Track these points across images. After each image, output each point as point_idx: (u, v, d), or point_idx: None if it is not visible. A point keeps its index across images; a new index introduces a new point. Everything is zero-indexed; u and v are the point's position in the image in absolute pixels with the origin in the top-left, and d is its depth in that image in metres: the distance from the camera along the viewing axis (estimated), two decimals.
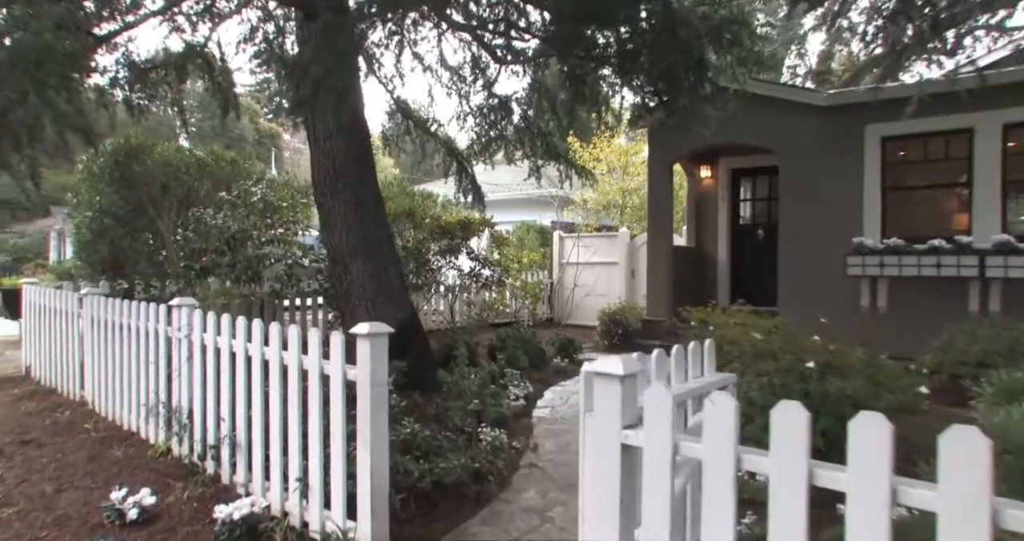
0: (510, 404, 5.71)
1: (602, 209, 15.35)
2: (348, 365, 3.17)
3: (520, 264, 12.00)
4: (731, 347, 5.37)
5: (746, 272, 10.97)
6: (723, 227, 11.19)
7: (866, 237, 8.42)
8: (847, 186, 8.72)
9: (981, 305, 7.80)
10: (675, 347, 2.94)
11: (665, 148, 10.35)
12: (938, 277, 7.84)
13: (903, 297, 8.27)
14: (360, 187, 6.63)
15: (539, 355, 8.44)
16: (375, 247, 6.62)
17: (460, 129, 10.81)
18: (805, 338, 5.25)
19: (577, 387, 7.51)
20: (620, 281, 12.95)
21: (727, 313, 6.77)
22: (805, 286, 9.00)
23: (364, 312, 6.52)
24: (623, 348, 10.15)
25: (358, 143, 6.76)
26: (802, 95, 9.08)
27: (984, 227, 7.87)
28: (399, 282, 6.81)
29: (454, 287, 11.22)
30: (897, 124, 8.37)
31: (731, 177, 11.17)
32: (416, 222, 10.01)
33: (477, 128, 10.35)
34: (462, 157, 10.43)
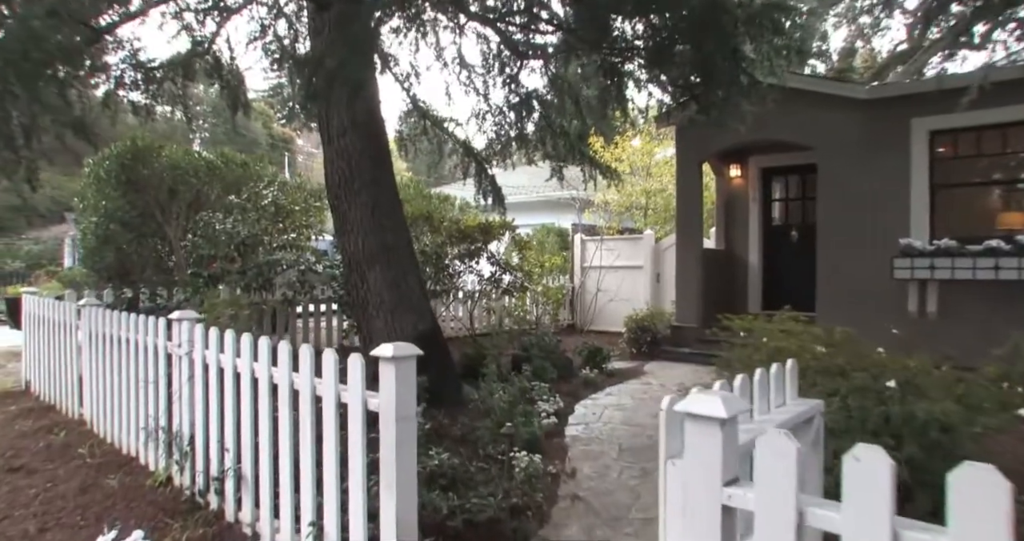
0: (541, 422, 5.24)
1: (624, 211, 14.86)
2: (370, 393, 2.72)
3: (542, 269, 11.54)
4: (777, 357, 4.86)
5: (779, 276, 10.45)
6: (754, 229, 10.67)
7: (913, 238, 7.88)
8: (892, 184, 8.19)
9: None
10: (758, 371, 2.47)
11: (694, 146, 9.85)
12: (996, 280, 7.29)
13: (955, 302, 7.73)
14: (377, 189, 6.20)
15: (566, 365, 7.97)
16: (394, 253, 6.19)
17: (478, 129, 10.41)
18: (871, 350, 4.75)
19: (609, 400, 7.16)
20: (645, 285, 12.46)
21: (773, 321, 6.26)
22: (846, 290, 8.47)
23: (382, 323, 6.09)
24: (651, 356, 9.67)
25: (374, 141, 6.34)
26: (842, 88, 8.56)
27: None
28: (419, 291, 6.37)
29: (473, 293, 10.78)
30: (947, 117, 7.88)
31: (762, 176, 10.65)
32: (434, 226, 9.58)
33: (496, 127, 9.96)
34: (481, 158, 10.01)
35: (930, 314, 7.87)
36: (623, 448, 5.09)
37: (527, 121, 9.93)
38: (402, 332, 6.07)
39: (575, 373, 7.91)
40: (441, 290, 9.83)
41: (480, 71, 9.62)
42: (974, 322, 7.57)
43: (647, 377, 8.18)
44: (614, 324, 12.55)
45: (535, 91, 9.71)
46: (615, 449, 5.06)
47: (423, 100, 10.03)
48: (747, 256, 10.71)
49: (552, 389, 6.76)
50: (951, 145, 8.09)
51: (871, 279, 8.26)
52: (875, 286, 8.22)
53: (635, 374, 8.37)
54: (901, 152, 8.14)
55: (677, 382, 7.76)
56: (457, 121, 10.15)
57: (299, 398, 3.02)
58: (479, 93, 10.04)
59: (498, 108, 9.98)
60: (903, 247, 7.83)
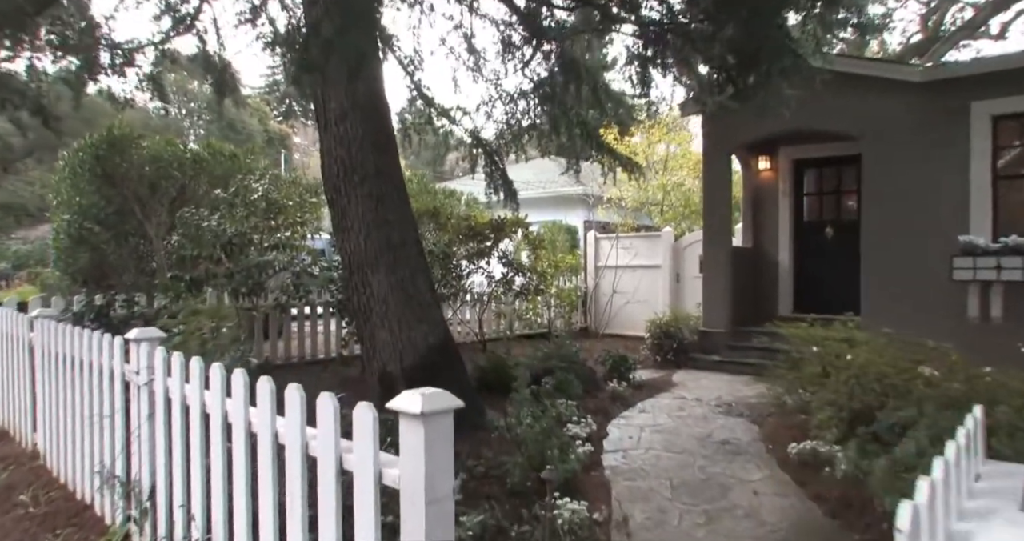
0: (578, 452, 4.44)
1: (639, 207, 14.07)
2: (385, 456, 1.93)
3: (556, 269, 10.75)
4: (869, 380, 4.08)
5: (812, 276, 9.65)
6: (784, 225, 9.88)
7: (973, 235, 7.10)
8: (948, 176, 7.40)
9: None
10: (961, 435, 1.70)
11: (723, 136, 9.06)
12: None
13: (1021, 306, 6.95)
14: (381, 180, 5.40)
15: (590, 377, 7.18)
16: (400, 253, 5.39)
17: (487, 118, 9.63)
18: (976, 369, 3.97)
19: (643, 419, 6.33)
20: (664, 286, 11.67)
21: (829, 328, 5.48)
22: (895, 292, 7.69)
23: (387, 334, 5.30)
24: (677, 365, 8.88)
25: (378, 127, 5.54)
26: (893, 70, 7.77)
27: None
28: (430, 296, 5.58)
29: (483, 295, 9.98)
30: (1014, 100, 7.09)
31: (793, 169, 9.86)
32: (440, 223, 8.79)
33: (508, 116, 9.18)
34: (491, 149, 9.24)
35: (994, 319, 7.09)
36: (675, 484, 4.30)
37: (541, 109, 9.18)
38: (411, 344, 5.29)
39: (601, 386, 7.12)
40: (449, 293, 9.03)
41: (490, 56, 8.87)
42: None
43: (678, 390, 7.39)
44: (632, 327, 11.78)
45: (550, 77, 8.96)
46: (666, 485, 4.27)
47: (427, 86, 9.25)
48: (777, 255, 9.92)
49: (580, 406, 5.99)
50: (1017, 131, 7.30)
51: (924, 280, 7.48)
52: (929, 288, 7.44)
53: (665, 386, 7.59)
54: (959, 140, 7.35)
55: (714, 396, 6.97)
56: (465, 110, 9.33)
57: (284, 454, 2.23)
58: (489, 79, 9.29)
59: (509, 96, 9.22)
60: (964, 245, 7.04)
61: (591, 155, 9.17)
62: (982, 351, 6.98)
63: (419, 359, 5.28)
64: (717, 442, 5.25)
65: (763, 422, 5.84)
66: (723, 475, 4.44)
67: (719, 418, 6.02)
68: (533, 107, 9.10)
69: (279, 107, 42.63)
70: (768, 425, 5.71)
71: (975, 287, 7.15)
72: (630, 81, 8.04)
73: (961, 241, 7.07)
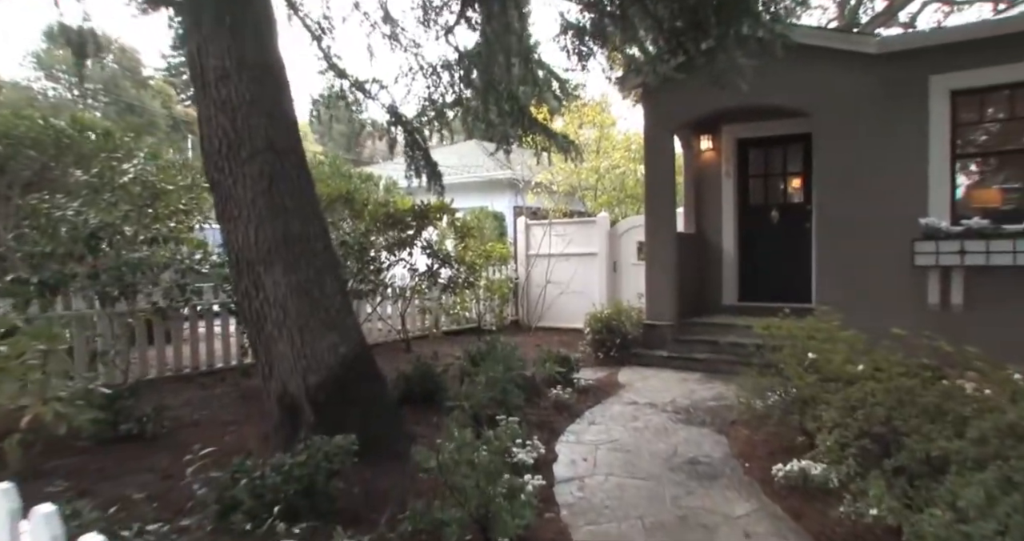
0: (528, 490, 3.57)
1: (571, 192, 13.30)
2: None
3: (486, 259, 9.85)
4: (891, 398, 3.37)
5: (758, 263, 9.13)
6: (728, 209, 9.30)
7: (932, 217, 6.64)
8: (906, 154, 6.91)
9: None
10: None
11: (666, 112, 8.35)
12: None
13: (985, 292, 6.54)
14: (276, 156, 4.37)
15: (529, 382, 6.33)
16: (302, 247, 4.38)
17: (407, 92, 8.62)
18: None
19: (595, 433, 5.20)
20: (600, 275, 10.97)
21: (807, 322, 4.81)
22: (849, 279, 7.19)
23: (287, 345, 4.29)
24: (621, 361, 8.18)
25: (272, 91, 4.49)
26: (848, 41, 7.19)
27: None
28: (340, 299, 4.59)
29: (406, 290, 8.99)
30: (973, 74, 6.64)
31: (737, 148, 9.28)
32: (356, 210, 7.74)
33: (430, 90, 8.22)
34: (412, 127, 8.25)
35: (955, 306, 6.66)
36: (648, 526, 3.50)
37: (467, 83, 8.27)
38: (317, 358, 4.31)
39: (542, 392, 6.29)
40: (367, 289, 8.01)
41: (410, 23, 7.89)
42: (1007, 315, 6.41)
43: (628, 393, 6.65)
44: (567, 320, 11.05)
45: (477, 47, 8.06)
46: (638, 529, 3.47)
47: (337, 55, 8.16)
48: (721, 241, 9.34)
49: (522, 420, 5.14)
50: (977, 107, 6.87)
51: (881, 266, 7.01)
52: (886, 274, 6.97)
53: (611, 388, 6.84)
54: (917, 116, 6.86)
55: (668, 399, 6.27)
56: (382, 83, 8.28)
57: None
58: (408, 49, 8.28)
59: (431, 67, 8.24)
60: (925, 228, 6.57)
61: (522, 134, 8.30)
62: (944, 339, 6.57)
63: (328, 375, 4.30)
64: (685, 462, 4.50)
65: (730, 432, 5.15)
66: (702, 510, 3.68)
67: (680, 428, 5.30)
68: (458, 80, 8.18)
69: (186, 90, 39.84)
70: (737, 436, 5.02)
71: (935, 273, 6.70)
72: (566, 52, 7.25)
73: (922, 224, 6.60)
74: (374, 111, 8.57)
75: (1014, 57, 6.39)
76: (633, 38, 6.88)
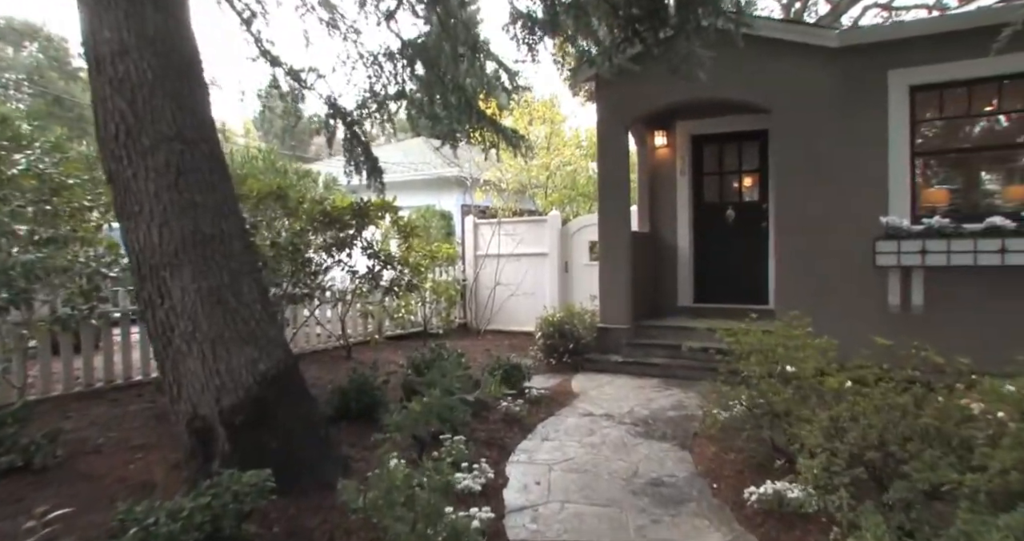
0: (470, 527, 3.10)
1: (521, 190, 12.87)
2: None
3: (431, 260, 9.33)
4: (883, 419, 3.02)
5: (713, 263, 8.86)
6: (683, 207, 9.01)
7: (893, 216, 6.44)
8: (866, 152, 6.69)
9: None
10: None
11: (620, 106, 7.98)
12: (1001, 266, 5.96)
13: (946, 293, 6.37)
14: (185, 145, 3.80)
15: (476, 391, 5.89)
16: (215, 249, 3.83)
17: (348, 82, 8.09)
18: None
19: (549, 450, 4.70)
20: (552, 276, 10.58)
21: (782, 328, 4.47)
22: (810, 280, 6.95)
23: (196, 362, 3.73)
24: (574, 367, 7.79)
25: (180, 67, 3.91)
26: (808, 34, 6.93)
27: None
28: (261, 307, 4.03)
29: (345, 293, 8.42)
30: (932, 69, 6.47)
31: (692, 145, 9.00)
32: (290, 208, 7.13)
33: (371, 81, 7.71)
34: (352, 119, 7.72)
35: (915, 307, 6.47)
36: None
37: (411, 72, 7.79)
38: (233, 376, 3.76)
39: (491, 404, 5.85)
40: (302, 293, 7.42)
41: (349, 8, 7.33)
42: (968, 318, 6.26)
43: (582, 402, 6.25)
44: (517, 323, 10.64)
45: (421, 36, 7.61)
46: None
47: (270, 40, 7.58)
48: (675, 240, 9.05)
49: (468, 438, 4.69)
50: (936, 103, 6.69)
51: (842, 266, 6.79)
52: (848, 274, 6.76)
53: (565, 398, 6.43)
54: (877, 112, 6.65)
55: (625, 409, 5.89)
56: (319, 72, 7.74)
57: None
58: (348, 37, 7.77)
59: (372, 56, 7.72)
60: (887, 227, 6.36)
61: (469, 128, 7.85)
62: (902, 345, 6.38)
63: (245, 396, 3.76)
64: (648, 483, 4.11)
65: (694, 447, 4.79)
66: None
67: (640, 444, 4.91)
68: (401, 70, 7.68)
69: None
70: (702, 452, 4.65)
71: (895, 273, 6.50)
72: (515, 41, 6.83)
73: (884, 223, 6.38)
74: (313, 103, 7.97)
75: (971, 53, 6.21)
76: (586, 26, 6.51)
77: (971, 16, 6.48)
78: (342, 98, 7.65)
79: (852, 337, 4.40)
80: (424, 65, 7.47)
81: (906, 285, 6.49)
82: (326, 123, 7.63)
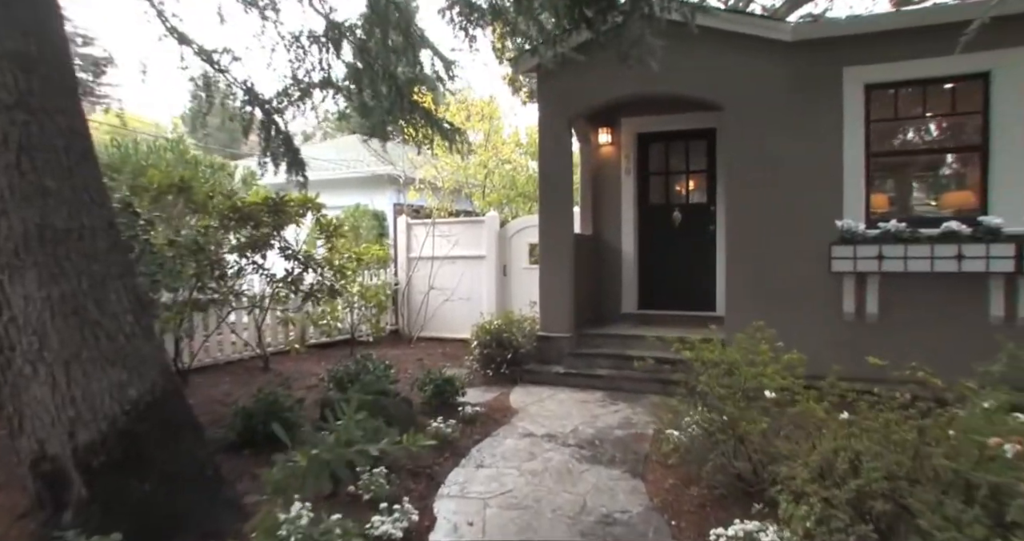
0: None
1: (457, 189, 12.23)
2: None
3: (359, 263, 8.60)
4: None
5: (659, 267, 8.45)
6: (628, 209, 8.57)
7: (848, 219, 6.12)
8: (821, 152, 6.35)
9: (1008, 310, 5.76)
10: None
11: (563, 99, 7.46)
12: (957, 273, 5.69)
13: (901, 301, 6.08)
14: (32, 116, 3.05)
15: (404, 413, 5.24)
16: (72, 247, 3.08)
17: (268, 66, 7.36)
18: None
19: (484, 481, 4.03)
20: (489, 280, 10.00)
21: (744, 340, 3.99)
22: (761, 286, 6.58)
23: (45, 387, 2.99)
24: (512, 379, 7.22)
25: (26, 18, 3.15)
26: (761, 26, 6.55)
27: (1005, 204, 5.82)
28: (133, 318, 3.29)
29: (263, 298, 7.63)
30: (888, 67, 6.19)
31: (638, 144, 8.57)
32: (197, 202, 6.33)
33: (295, 66, 7.03)
34: (270, 107, 7.02)
35: (869, 316, 6.16)
36: None
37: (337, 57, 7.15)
38: (91, 405, 3.02)
39: (420, 424, 5.22)
40: (209, 299, 6.62)
41: None
42: (922, 326, 6.00)
43: (521, 420, 5.68)
44: (453, 329, 10.02)
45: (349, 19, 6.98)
46: None
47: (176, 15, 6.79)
48: (620, 243, 8.60)
49: (391, 468, 4.06)
50: (891, 102, 6.41)
51: (795, 271, 6.44)
52: (801, 280, 6.41)
53: (503, 415, 5.84)
54: (832, 111, 6.32)
55: (569, 428, 5.34)
56: (234, 54, 6.99)
57: None
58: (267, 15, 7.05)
59: (295, 38, 7.03)
60: (844, 231, 6.03)
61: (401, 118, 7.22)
62: (857, 354, 6.05)
63: (109, 429, 3.04)
64: (598, 521, 3.55)
65: (647, 474, 4.27)
66: None
67: (587, 470, 4.36)
68: (327, 55, 7.01)
69: None
70: (657, 480, 4.13)
71: (850, 279, 6.18)
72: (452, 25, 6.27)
73: (840, 226, 6.05)
74: (226, 86, 7.17)
75: (927, 52, 5.97)
76: (529, 10, 5.98)
77: (929, 13, 6.22)
78: (264, 86, 6.91)
79: (806, 346, 3.97)
80: (353, 50, 6.84)
81: (861, 292, 6.18)
82: (242, 110, 6.90)
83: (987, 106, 5.95)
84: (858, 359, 5.53)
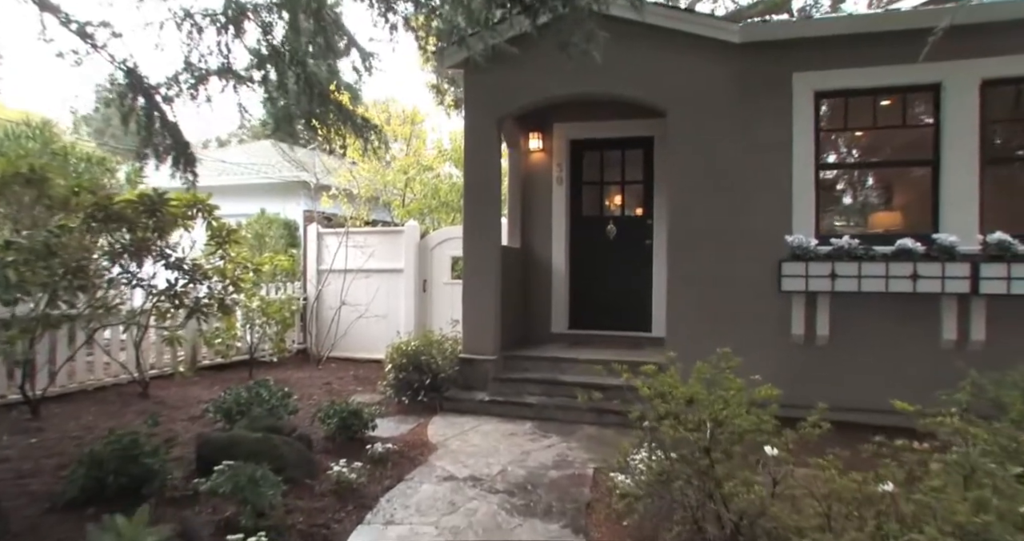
0: None
1: (375, 197, 11.35)
2: None
3: (259, 274, 7.61)
4: None
5: (592, 284, 7.85)
6: (560, 221, 7.96)
7: (799, 234, 5.69)
8: (769, 162, 5.91)
9: (960, 333, 5.42)
10: None
11: (493, 98, 6.78)
12: (911, 293, 5.32)
13: (854, 322, 5.67)
14: None
15: (299, 455, 4.38)
16: None
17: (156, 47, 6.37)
18: None
19: None
20: (408, 296, 9.18)
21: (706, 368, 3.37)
22: (702, 306, 6.06)
23: None
24: (431, 408, 6.42)
25: None
26: (707, 25, 6.05)
27: (956, 221, 5.51)
28: None
29: (144, 313, 6.56)
30: (837, 74, 5.83)
31: (571, 151, 7.99)
32: (55, 198, 5.28)
33: (187, 50, 6.09)
34: (153, 91, 6.04)
35: (820, 338, 5.72)
36: None
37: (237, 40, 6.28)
38: None
39: (318, 469, 4.37)
40: (61, 315, 5.53)
41: None
42: (874, 350, 5.61)
43: (441, 459, 4.88)
44: (366, 349, 9.15)
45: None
46: None
47: None
48: (550, 257, 7.97)
49: (276, 535, 3.21)
50: (841, 111, 6.06)
51: (741, 290, 5.95)
52: (747, 300, 5.93)
53: (419, 452, 5.03)
54: (781, 119, 5.90)
55: (497, 469, 4.60)
56: (114, 30, 5.97)
57: None
58: None
59: (187, 14, 6.10)
60: (794, 247, 5.57)
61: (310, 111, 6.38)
62: (806, 380, 5.61)
63: None
64: None
65: (591, 528, 3.57)
66: None
67: (520, 525, 3.62)
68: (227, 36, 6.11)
69: None
70: (604, 537, 3.44)
71: (799, 299, 5.73)
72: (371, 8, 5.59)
73: (790, 242, 5.59)
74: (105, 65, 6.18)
75: (880, 59, 5.65)
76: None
77: (883, 18, 5.91)
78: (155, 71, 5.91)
79: (754, 370, 3.40)
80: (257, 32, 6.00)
81: (811, 313, 5.73)
82: (121, 95, 5.90)
83: (938, 119, 5.66)
84: (809, 385, 5.12)
